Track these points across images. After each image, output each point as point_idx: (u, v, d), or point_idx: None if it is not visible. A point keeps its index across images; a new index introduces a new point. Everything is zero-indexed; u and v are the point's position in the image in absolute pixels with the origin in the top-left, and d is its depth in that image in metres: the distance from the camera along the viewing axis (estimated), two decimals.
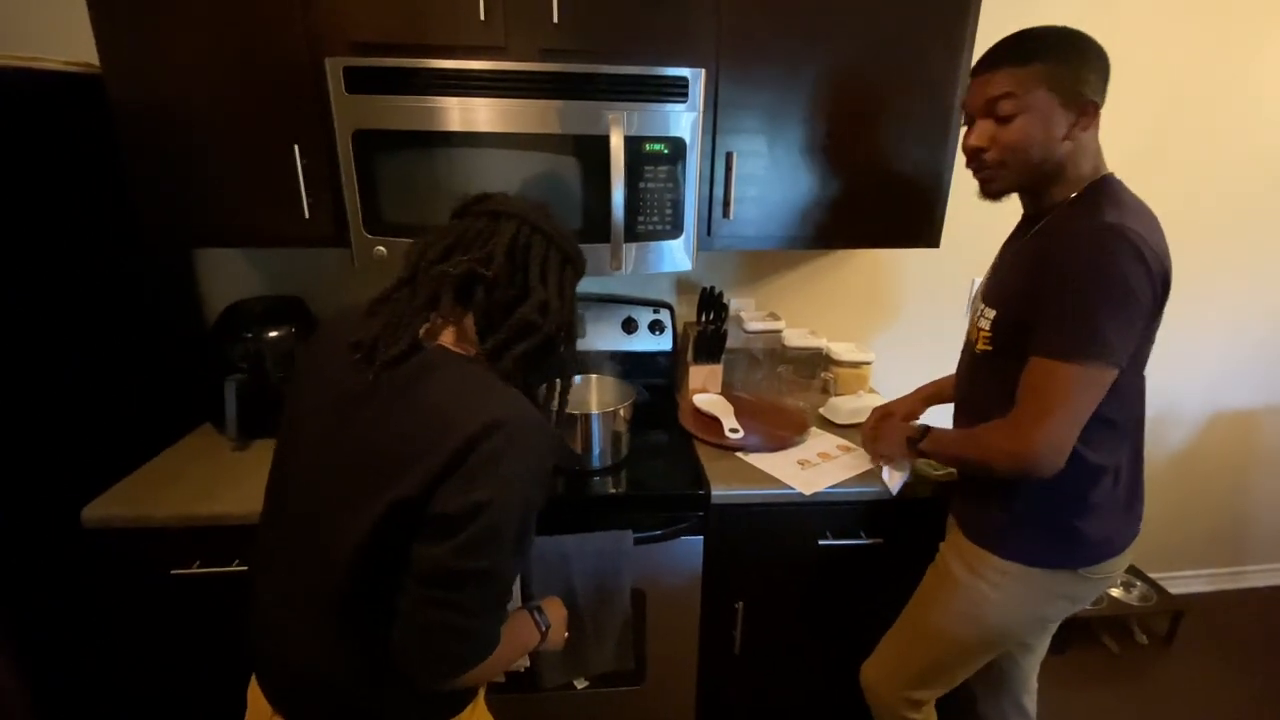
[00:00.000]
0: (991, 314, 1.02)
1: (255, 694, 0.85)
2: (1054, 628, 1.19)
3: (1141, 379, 1.02)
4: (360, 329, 0.78)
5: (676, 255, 1.36)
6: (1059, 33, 0.93)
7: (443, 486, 0.68)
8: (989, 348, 1.03)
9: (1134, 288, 0.86)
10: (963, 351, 1.17)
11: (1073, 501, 1.01)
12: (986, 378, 1.05)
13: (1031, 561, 1.04)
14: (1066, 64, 0.91)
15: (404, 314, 0.77)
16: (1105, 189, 0.95)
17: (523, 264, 0.79)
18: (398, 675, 0.72)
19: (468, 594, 0.69)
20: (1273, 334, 2.05)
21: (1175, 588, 2.20)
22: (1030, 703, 1.33)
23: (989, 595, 1.08)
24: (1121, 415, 0.98)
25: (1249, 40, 1.73)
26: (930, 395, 1.41)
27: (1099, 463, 0.99)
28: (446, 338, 0.78)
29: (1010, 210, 1.25)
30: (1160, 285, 0.90)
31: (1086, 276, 0.87)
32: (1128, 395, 0.97)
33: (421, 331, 0.77)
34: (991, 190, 1.01)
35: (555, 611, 0.98)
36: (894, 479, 1.28)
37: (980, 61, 0.98)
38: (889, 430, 1.28)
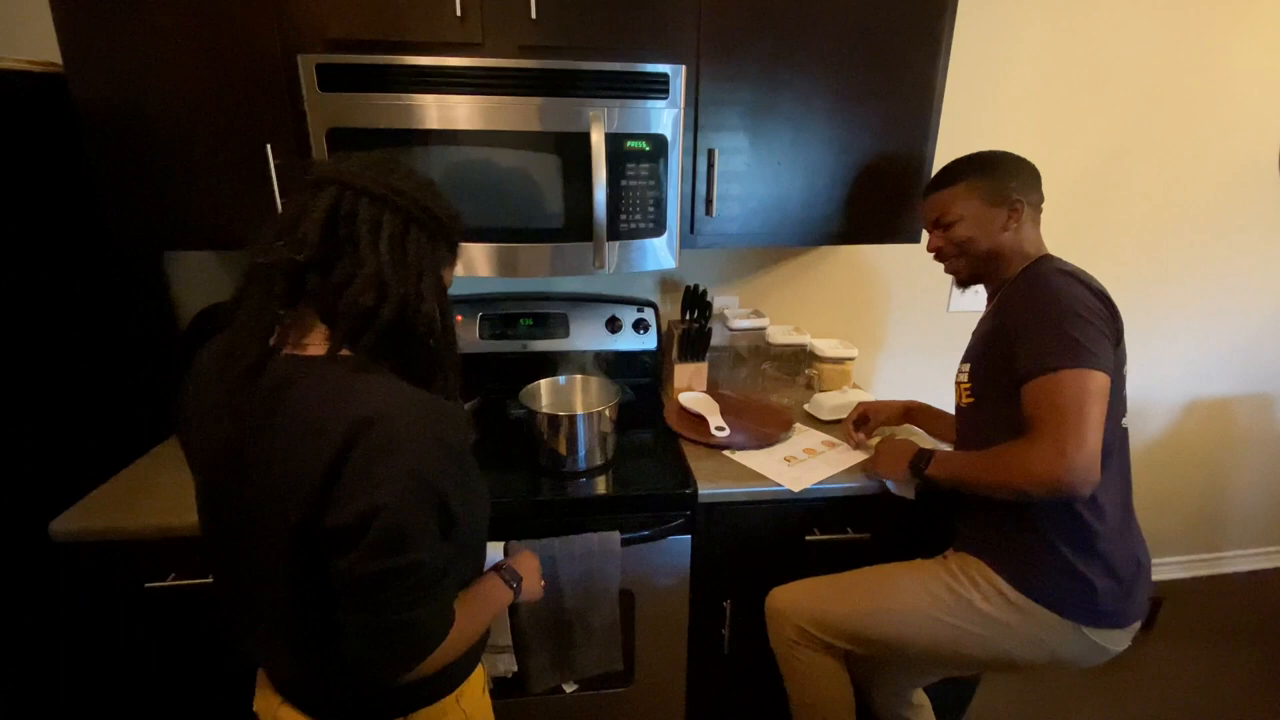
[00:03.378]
0: (967, 367, 1.16)
1: (263, 678, 0.85)
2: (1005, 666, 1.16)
3: (1116, 423, 1.04)
4: (220, 345, 0.72)
5: (660, 253, 1.35)
6: (979, 156, 1.16)
7: (330, 501, 0.64)
8: (971, 400, 1.14)
9: (1081, 300, 0.99)
10: (955, 410, 1.24)
11: (1079, 545, 1.04)
12: (976, 428, 1.15)
13: (1039, 598, 1.06)
14: (986, 177, 1.13)
15: (246, 320, 0.69)
16: (1044, 260, 1.12)
17: (349, 237, 0.68)
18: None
19: (395, 593, 0.65)
20: (1247, 322, 2.09)
21: (1154, 575, 2.23)
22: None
23: (979, 606, 1.09)
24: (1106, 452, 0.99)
25: (1220, 38, 1.76)
26: (911, 411, 1.45)
27: (1093, 501, 1.03)
28: (297, 339, 0.71)
29: None
30: (1107, 303, 1.02)
31: (1044, 304, 1.01)
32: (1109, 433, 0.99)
33: (274, 337, 0.70)
34: (959, 279, 1.21)
35: (526, 563, 0.98)
36: (906, 490, 1.25)
37: (925, 189, 1.23)
38: (888, 454, 1.27)
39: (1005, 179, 1.12)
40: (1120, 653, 1.09)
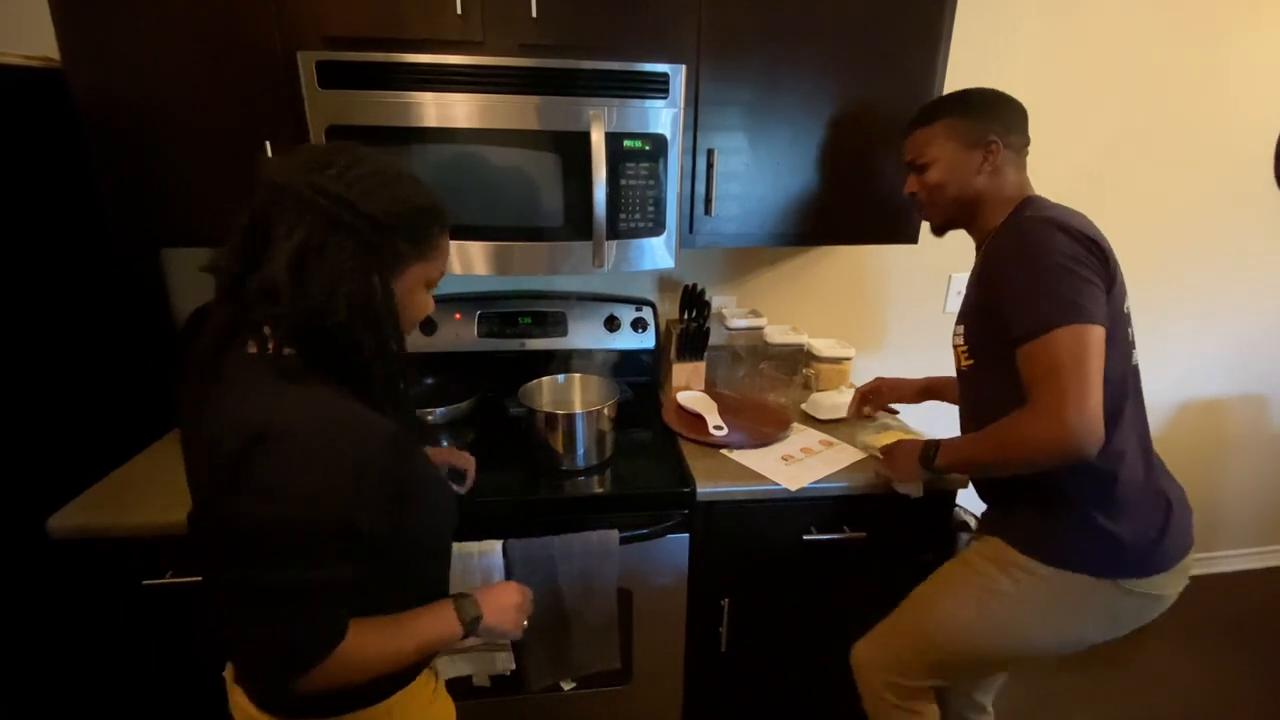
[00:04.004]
0: (961, 329, 1.12)
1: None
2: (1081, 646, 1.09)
3: (1126, 363, 1.02)
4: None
5: (659, 253, 1.35)
6: (960, 94, 1.13)
7: (222, 508, 0.64)
8: (970, 362, 1.11)
9: (1064, 251, 0.95)
10: (957, 379, 1.20)
11: (1100, 496, 1.00)
12: (977, 392, 1.12)
13: (1065, 564, 1.02)
14: (963, 116, 1.09)
15: (210, 320, 0.71)
16: (1026, 204, 1.07)
17: (264, 241, 0.66)
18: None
19: (264, 606, 0.65)
20: (1242, 324, 2.10)
21: None
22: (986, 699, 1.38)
23: (1009, 591, 1.05)
24: (1112, 400, 0.97)
25: (1217, 40, 1.77)
26: (927, 388, 1.43)
27: (1110, 449, 0.97)
28: (248, 339, 0.70)
29: None
30: (1092, 247, 0.97)
31: (1022, 258, 0.97)
32: (1112, 376, 0.96)
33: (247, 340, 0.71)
34: (933, 225, 1.19)
35: (499, 598, 0.88)
36: (913, 488, 1.24)
37: (903, 129, 1.18)
38: (899, 456, 1.22)
39: (984, 119, 1.08)
40: (1175, 597, 1.05)
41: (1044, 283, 0.94)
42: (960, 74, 1.53)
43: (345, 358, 0.69)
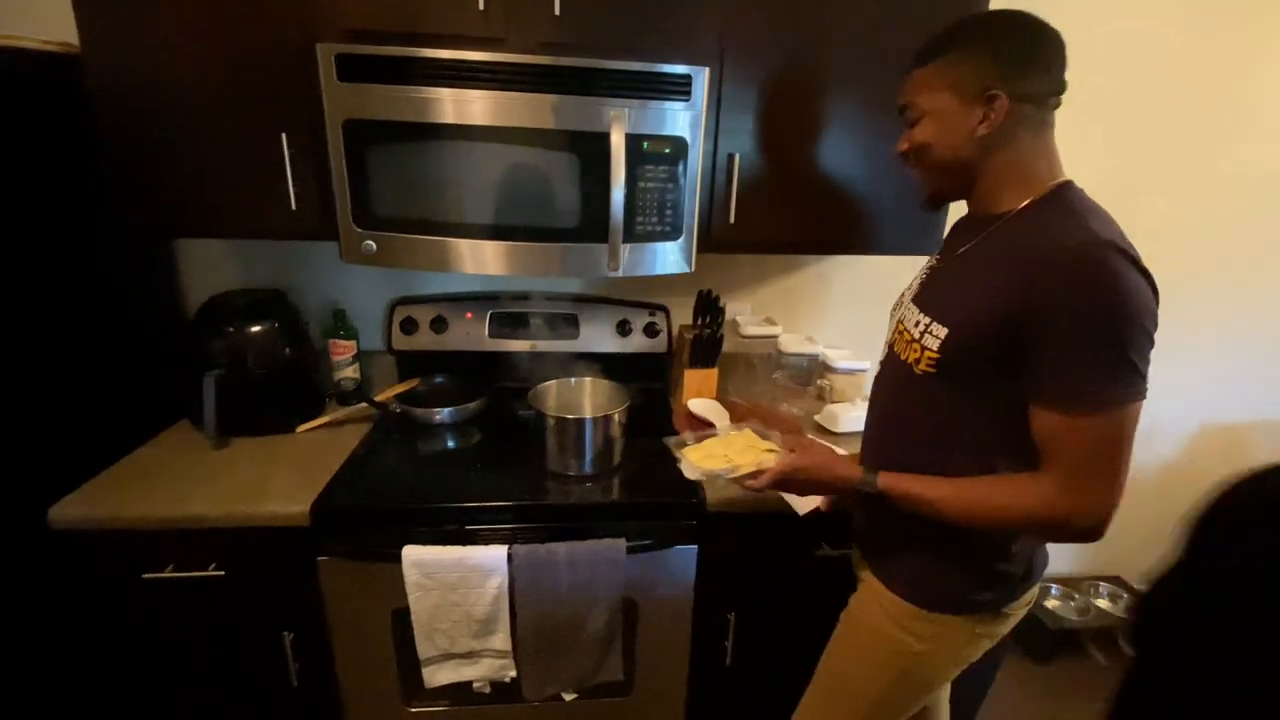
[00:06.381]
0: (942, 332, 0.89)
1: None
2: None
3: None
4: None
5: (674, 257, 1.33)
6: (962, 24, 0.87)
7: None
8: (932, 370, 0.90)
9: (1147, 307, 0.77)
10: (886, 364, 1.04)
11: (995, 543, 0.94)
12: (927, 402, 0.93)
13: (957, 609, 0.97)
14: (962, 59, 0.85)
15: None
16: (1070, 195, 0.85)
17: None
18: None
19: None
20: (1264, 347, 2.06)
21: None
22: None
23: (915, 648, 0.99)
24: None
25: (1240, 60, 1.74)
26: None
27: None
28: None
29: None
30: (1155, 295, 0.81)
31: (1104, 305, 0.75)
32: None
33: None
34: (921, 195, 0.97)
35: None
36: (802, 504, 1.20)
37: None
38: (815, 460, 1.01)
39: (988, 60, 0.83)
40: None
41: (1121, 346, 0.76)
42: None
43: None
